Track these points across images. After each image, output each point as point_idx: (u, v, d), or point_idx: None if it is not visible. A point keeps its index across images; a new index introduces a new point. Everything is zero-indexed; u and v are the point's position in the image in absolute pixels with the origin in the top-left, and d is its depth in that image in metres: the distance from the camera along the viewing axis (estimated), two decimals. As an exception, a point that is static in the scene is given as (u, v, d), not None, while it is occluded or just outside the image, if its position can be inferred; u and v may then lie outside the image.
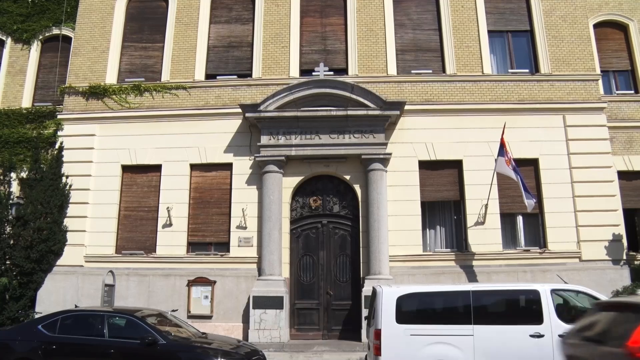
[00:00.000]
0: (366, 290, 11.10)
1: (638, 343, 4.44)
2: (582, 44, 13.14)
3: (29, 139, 13.83)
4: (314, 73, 12.82)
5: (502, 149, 11.11)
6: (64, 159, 12.90)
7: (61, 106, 13.71)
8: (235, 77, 13.43)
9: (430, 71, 13.21)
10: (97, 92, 13.44)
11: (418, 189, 12.35)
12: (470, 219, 12.15)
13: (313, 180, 12.76)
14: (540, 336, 7.12)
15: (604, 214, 11.95)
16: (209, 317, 11.81)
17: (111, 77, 13.66)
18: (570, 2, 13.43)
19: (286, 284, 11.96)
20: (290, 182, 12.51)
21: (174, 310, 10.71)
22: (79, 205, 12.70)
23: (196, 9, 13.85)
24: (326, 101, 12.39)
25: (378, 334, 7.33)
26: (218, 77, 13.46)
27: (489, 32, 13.36)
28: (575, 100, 12.71)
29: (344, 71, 13.23)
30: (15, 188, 13.38)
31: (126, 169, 13.09)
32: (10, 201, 12.55)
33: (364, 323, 10.23)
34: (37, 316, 11.15)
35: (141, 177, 13.09)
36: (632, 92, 13.86)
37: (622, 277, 11.61)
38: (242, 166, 12.69)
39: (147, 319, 8.39)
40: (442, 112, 12.72)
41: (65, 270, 12.35)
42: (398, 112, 12.27)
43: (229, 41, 13.81)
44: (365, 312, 10.54)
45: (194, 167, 12.91)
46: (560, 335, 7.03)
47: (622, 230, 12.17)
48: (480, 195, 12.01)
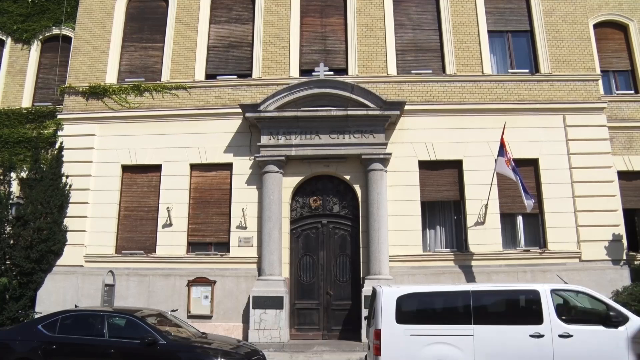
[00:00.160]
0: (366, 290, 11.10)
1: None
2: (582, 44, 13.15)
3: (29, 139, 13.84)
4: (314, 73, 12.82)
5: (502, 149, 11.11)
6: (64, 159, 12.91)
7: (61, 106, 13.71)
8: (235, 77, 13.43)
9: (430, 71, 13.21)
10: (97, 92, 13.45)
11: (418, 189, 12.36)
12: (470, 219, 12.15)
13: (313, 180, 12.76)
14: (540, 336, 7.11)
15: (604, 214, 11.96)
16: (209, 317, 11.81)
17: (111, 77, 13.67)
18: (570, 2, 13.44)
19: (286, 284, 11.96)
20: (290, 182, 12.52)
21: (174, 310, 10.72)
22: (79, 205, 12.70)
23: (196, 9, 13.85)
24: (326, 101, 12.39)
25: (378, 334, 7.33)
26: (218, 77, 13.46)
27: (489, 32, 13.36)
28: (575, 100, 12.71)
29: (344, 71, 13.24)
30: (15, 188, 13.39)
31: (126, 169, 13.09)
32: (10, 201, 12.55)
33: (364, 323, 10.23)
34: (37, 316, 11.15)
35: (141, 177, 13.09)
36: (632, 92, 13.86)
37: (622, 277, 11.62)
38: (242, 166, 12.70)
39: (147, 319, 8.39)
40: (442, 112, 12.72)
41: (65, 270, 12.36)
42: (398, 112, 12.27)
43: (229, 41, 13.82)
44: (365, 312, 10.55)
45: (194, 167, 12.91)
46: (560, 335, 7.06)
47: (622, 230, 12.17)
48: (480, 195, 12.02)
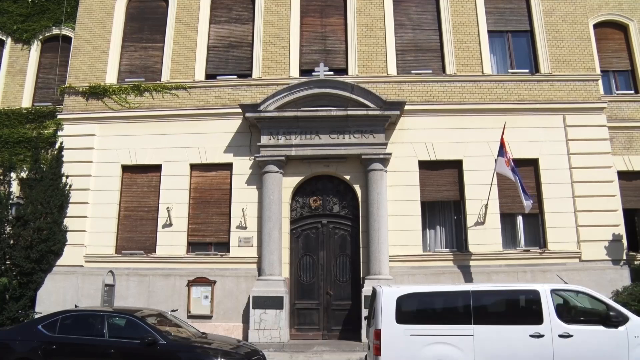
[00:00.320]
0: (366, 290, 11.10)
1: None
2: (582, 44, 13.15)
3: (29, 139, 13.84)
4: (314, 73, 12.82)
5: (502, 149, 11.11)
6: (64, 159, 12.91)
7: (61, 106, 13.71)
8: (235, 77, 13.43)
9: (430, 71, 13.21)
10: (97, 92, 13.45)
11: (418, 189, 12.36)
12: (470, 219, 12.15)
13: (313, 180, 12.76)
14: (540, 336, 7.11)
15: (604, 214, 11.95)
16: (209, 317, 11.81)
17: (111, 77, 13.66)
18: (570, 2, 13.43)
19: (286, 284, 11.96)
20: (290, 182, 12.52)
21: (174, 310, 10.72)
22: (79, 205, 12.70)
23: (196, 9, 13.85)
24: (326, 101, 12.39)
25: (378, 334, 7.33)
26: (218, 77, 13.45)
27: (489, 32, 13.36)
28: (575, 100, 12.71)
29: (344, 71, 13.23)
30: (15, 188, 13.39)
31: (126, 169, 13.09)
32: (10, 201, 12.55)
33: (364, 323, 10.23)
34: (37, 316, 11.16)
35: (141, 177, 13.09)
36: (632, 92, 13.86)
37: (622, 277, 11.62)
38: (242, 166, 12.70)
39: (147, 319, 8.39)
40: (442, 112, 12.72)
41: (65, 270, 12.35)
42: (398, 112, 12.27)
43: (229, 41, 13.81)
44: (365, 312, 10.54)
45: (194, 167, 12.91)
46: (560, 335, 7.07)
47: (622, 230, 12.17)
48: (480, 195, 12.02)
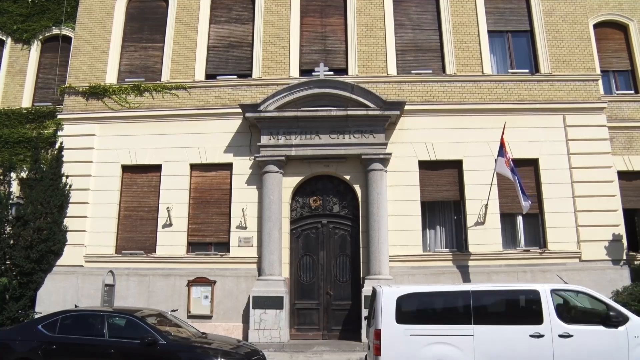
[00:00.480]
0: (366, 290, 11.10)
1: None
2: (582, 44, 13.15)
3: (29, 139, 13.83)
4: (314, 73, 12.82)
5: (502, 149, 11.10)
6: (64, 159, 12.91)
7: (61, 106, 13.71)
8: (235, 77, 13.43)
9: (430, 71, 13.20)
10: (97, 92, 13.45)
11: (418, 189, 12.35)
12: (470, 219, 12.15)
13: (313, 180, 12.76)
14: (540, 336, 7.11)
15: (604, 214, 11.95)
16: (209, 317, 11.81)
17: (111, 77, 13.66)
18: (570, 2, 13.43)
19: (286, 284, 11.96)
20: (290, 182, 12.51)
21: (174, 310, 10.71)
22: (79, 205, 12.70)
23: (196, 9, 13.85)
24: (326, 101, 12.39)
25: (378, 334, 7.33)
26: (218, 77, 13.45)
27: (489, 32, 13.36)
28: (575, 100, 12.71)
29: (344, 71, 13.23)
30: (15, 188, 13.39)
31: (126, 169, 13.09)
32: (10, 201, 12.55)
33: (364, 323, 10.22)
34: (37, 316, 11.15)
35: (141, 177, 13.09)
36: (632, 92, 13.86)
37: (622, 277, 11.61)
38: (242, 166, 12.69)
39: (147, 319, 8.39)
40: (442, 112, 12.72)
41: (65, 270, 12.35)
42: (398, 112, 12.27)
43: (229, 41, 13.81)
44: (365, 312, 10.54)
45: (194, 167, 12.91)
46: (560, 335, 7.07)
47: (622, 230, 12.17)
48: (480, 195, 12.02)
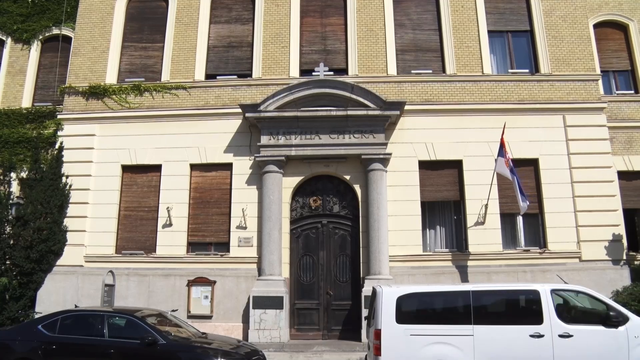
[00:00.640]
0: (366, 290, 11.10)
1: None
2: (582, 44, 13.14)
3: (29, 139, 13.84)
4: (314, 73, 12.81)
5: (502, 150, 11.10)
6: (64, 159, 12.91)
7: (61, 106, 13.71)
8: (235, 77, 13.43)
9: (430, 71, 13.20)
10: (97, 92, 13.45)
11: (418, 189, 12.35)
12: (470, 219, 12.15)
13: (313, 180, 12.76)
14: (540, 336, 7.11)
15: (604, 214, 11.95)
16: (209, 317, 11.81)
17: (111, 77, 13.66)
18: (570, 2, 13.43)
19: (286, 284, 11.96)
20: (290, 182, 12.51)
21: (174, 310, 10.71)
22: (79, 205, 12.70)
23: (196, 9, 13.85)
24: (326, 101, 12.39)
25: (378, 334, 7.33)
26: (218, 77, 13.45)
27: (489, 32, 13.36)
28: (575, 100, 12.70)
29: (344, 71, 13.23)
30: (15, 188, 13.39)
31: (126, 169, 13.09)
32: (10, 201, 12.55)
33: (364, 323, 10.22)
34: (37, 316, 11.15)
35: (141, 177, 13.09)
36: (632, 92, 13.86)
37: (622, 277, 11.61)
38: (242, 166, 12.69)
39: (147, 319, 8.39)
40: (442, 112, 12.72)
41: (65, 270, 12.35)
42: (398, 112, 12.27)
43: (229, 41, 13.81)
44: (365, 312, 10.54)
45: (194, 167, 12.91)
46: (560, 335, 7.07)
47: (622, 230, 12.17)
48: (480, 195, 12.02)
